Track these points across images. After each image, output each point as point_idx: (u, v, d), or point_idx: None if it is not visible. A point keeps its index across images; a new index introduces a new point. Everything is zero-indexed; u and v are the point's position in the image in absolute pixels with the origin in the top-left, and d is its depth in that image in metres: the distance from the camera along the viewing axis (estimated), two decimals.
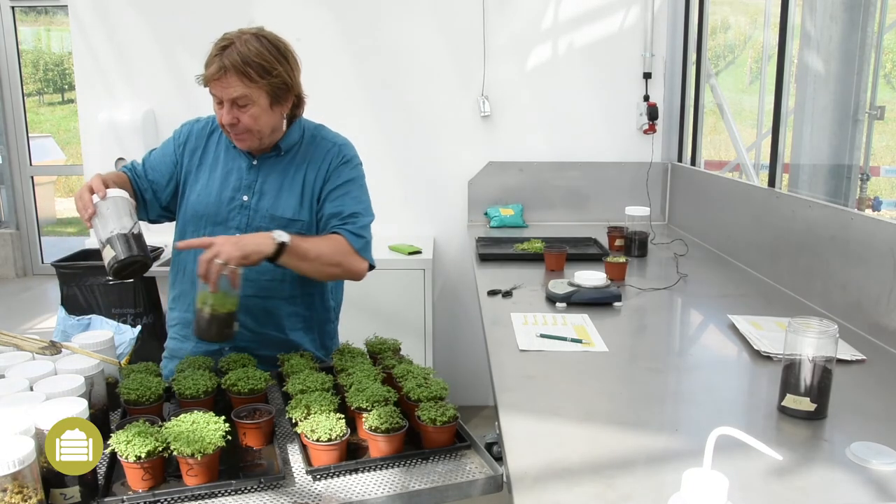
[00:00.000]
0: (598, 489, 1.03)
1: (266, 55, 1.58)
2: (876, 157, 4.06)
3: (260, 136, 1.65)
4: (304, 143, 1.76)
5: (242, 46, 1.56)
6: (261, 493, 1.15)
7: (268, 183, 1.72)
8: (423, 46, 3.33)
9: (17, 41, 5.11)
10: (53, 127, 8.72)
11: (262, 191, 1.71)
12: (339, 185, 1.74)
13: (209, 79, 1.58)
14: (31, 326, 4.28)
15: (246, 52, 1.56)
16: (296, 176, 1.73)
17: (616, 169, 3.40)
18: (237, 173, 1.73)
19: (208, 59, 1.59)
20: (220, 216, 1.71)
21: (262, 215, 1.70)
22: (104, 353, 1.44)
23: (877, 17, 2.77)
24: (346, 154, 1.79)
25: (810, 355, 1.21)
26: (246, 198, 1.71)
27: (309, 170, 1.74)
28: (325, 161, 1.75)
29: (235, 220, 1.71)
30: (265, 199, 1.71)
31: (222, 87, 1.57)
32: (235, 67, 1.55)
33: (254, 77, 1.56)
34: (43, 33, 8.47)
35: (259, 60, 1.56)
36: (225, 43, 1.58)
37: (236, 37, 1.59)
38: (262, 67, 1.57)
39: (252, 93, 1.57)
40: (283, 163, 1.74)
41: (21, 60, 5.19)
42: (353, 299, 3.16)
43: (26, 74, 5.95)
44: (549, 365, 1.54)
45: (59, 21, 7.70)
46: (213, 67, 1.57)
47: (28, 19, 7.53)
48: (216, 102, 1.62)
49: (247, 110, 1.59)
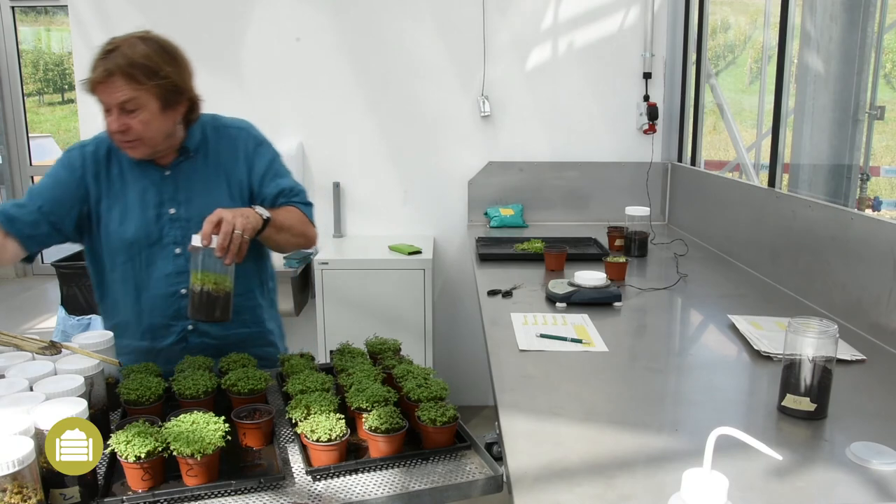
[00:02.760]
0: (598, 489, 1.03)
1: (153, 57, 1.54)
2: (876, 157, 4.06)
3: (152, 143, 1.59)
4: (210, 139, 1.73)
5: (128, 49, 1.52)
6: (261, 493, 1.15)
7: (190, 188, 1.68)
8: (423, 46, 3.33)
9: (17, 41, 5.11)
10: (53, 127, 8.71)
11: (187, 197, 1.67)
12: (268, 167, 1.75)
13: (94, 83, 1.51)
14: (31, 326, 4.28)
15: (131, 55, 1.51)
16: (216, 171, 1.71)
17: (616, 169, 3.40)
18: (153, 188, 1.66)
19: (93, 64, 1.53)
20: (153, 236, 1.66)
21: (197, 221, 1.63)
22: (104, 353, 1.44)
23: (877, 17, 2.77)
24: (256, 136, 1.79)
25: (810, 355, 1.21)
26: (173, 210, 1.66)
27: (227, 162, 1.72)
28: (240, 149, 1.74)
29: (170, 234, 1.66)
30: (194, 204, 1.67)
31: (109, 91, 1.51)
32: (121, 70, 1.50)
33: (140, 79, 1.51)
34: (43, 33, 8.46)
35: (145, 62, 1.52)
36: (110, 47, 1.52)
37: (122, 40, 1.54)
38: (148, 69, 1.52)
39: (140, 96, 1.52)
40: (198, 163, 1.70)
41: (21, 60, 5.19)
42: (353, 299, 3.18)
43: (26, 74, 5.95)
44: (549, 365, 1.54)
45: (59, 21, 7.70)
46: (97, 71, 1.51)
47: (28, 19, 7.53)
48: (104, 111, 1.56)
49: (136, 115, 1.54)
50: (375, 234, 3.49)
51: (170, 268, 1.67)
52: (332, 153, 3.42)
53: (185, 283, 1.65)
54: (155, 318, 1.69)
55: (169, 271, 1.67)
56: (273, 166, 1.77)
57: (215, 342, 1.73)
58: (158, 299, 1.68)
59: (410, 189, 3.47)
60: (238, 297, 1.66)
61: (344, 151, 3.41)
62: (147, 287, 1.68)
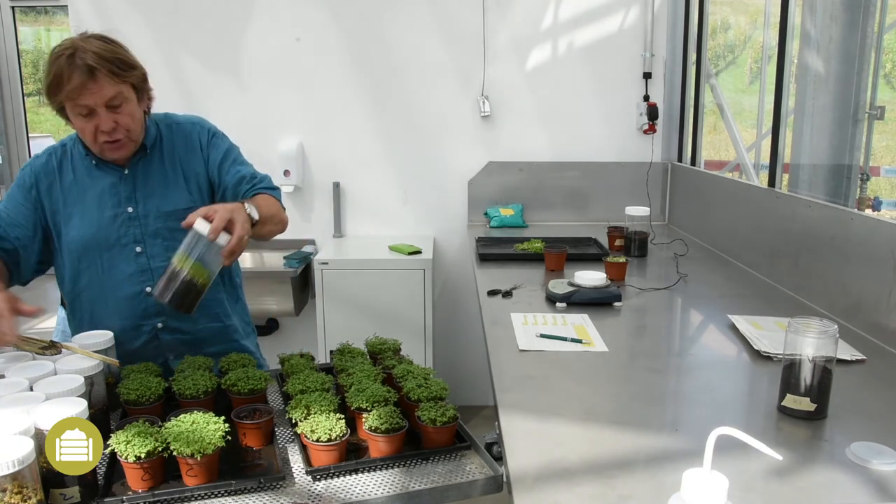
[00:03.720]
0: (598, 489, 1.03)
1: (119, 50, 1.53)
2: (876, 157, 4.06)
3: (137, 138, 1.60)
4: (164, 135, 1.71)
5: (91, 47, 1.49)
6: (261, 493, 1.15)
7: (148, 185, 1.66)
8: (423, 46, 3.33)
9: (17, 41, 5.11)
10: (53, 127, 8.70)
11: (144, 195, 1.66)
12: (224, 157, 1.72)
13: (75, 91, 1.46)
14: (31, 326, 4.27)
15: (100, 51, 1.49)
16: (173, 167, 1.69)
17: (616, 169, 3.40)
18: (111, 190, 1.64)
19: (54, 75, 1.47)
20: (111, 238, 1.64)
21: (155, 216, 1.65)
22: (104, 353, 1.44)
23: (877, 17, 2.77)
24: (209, 128, 1.77)
25: (810, 355, 1.21)
26: (130, 209, 1.64)
27: (183, 157, 1.70)
28: (194, 143, 1.72)
29: (128, 234, 1.64)
30: (152, 201, 1.65)
31: (95, 91, 1.48)
32: (101, 67, 1.48)
33: (121, 73, 1.51)
34: (43, 33, 8.46)
35: (118, 55, 1.51)
36: (68, 52, 1.47)
37: (73, 44, 1.49)
38: (123, 62, 1.52)
39: (123, 90, 1.52)
40: (154, 160, 1.68)
41: (21, 60, 5.19)
42: (353, 299, 3.18)
43: (26, 74, 5.95)
44: (549, 365, 1.54)
45: (59, 21, 7.70)
46: (75, 77, 1.46)
47: (28, 19, 7.52)
48: (81, 116, 1.52)
49: (122, 110, 1.53)
50: (375, 234, 3.49)
51: (132, 268, 1.65)
52: (332, 153, 3.42)
53: (149, 281, 1.64)
54: (124, 320, 1.66)
55: (132, 271, 1.65)
56: (230, 154, 1.74)
57: (187, 337, 1.71)
58: (125, 301, 1.66)
59: (410, 189, 3.47)
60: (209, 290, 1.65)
61: (344, 151, 3.41)
62: (113, 290, 1.65)
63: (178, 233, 1.51)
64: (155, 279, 1.59)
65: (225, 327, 1.78)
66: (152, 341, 1.70)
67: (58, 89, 1.49)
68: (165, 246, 1.65)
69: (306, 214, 3.48)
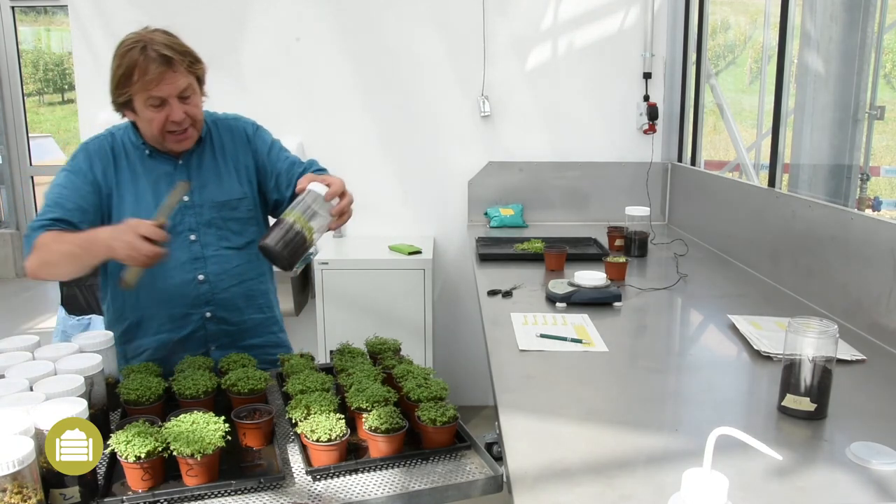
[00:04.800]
0: (598, 489, 1.03)
1: (185, 43, 1.57)
2: (876, 157, 4.06)
3: (200, 128, 1.65)
4: (211, 130, 1.75)
5: (161, 38, 1.53)
6: (261, 493, 1.15)
7: (202, 176, 1.70)
8: (423, 46, 3.33)
9: (17, 41, 5.11)
10: (53, 127, 8.71)
11: (199, 185, 1.69)
12: (271, 146, 1.79)
13: (153, 81, 1.50)
14: (31, 326, 4.28)
15: (171, 43, 1.53)
16: (224, 160, 1.73)
17: (616, 169, 3.40)
18: (166, 178, 1.67)
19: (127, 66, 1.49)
20: (177, 227, 1.65)
21: (210, 206, 1.69)
22: (104, 353, 1.44)
23: (877, 17, 2.77)
24: (252, 123, 1.83)
25: (810, 355, 1.21)
26: (186, 198, 1.67)
27: (231, 151, 1.75)
28: (240, 136, 1.77)
29: (184, 222, 1.67)
30: (207, 190, 1.70)
31: (171, 81, 1.52)
32: (176, 57, 1.51)
33: (190, 64, 1.55)
34: (43, 33, 8.47)
35: (187, 48, 1.56)
36: (139, 44, 1.50)
37: (142, 37, 1.53)
38: (191, 54, 1.56)
39: (193, 81, 1.57)
40: (206, 153, 1.72)
41: (21, 60, 5.20)
42: (353, 299, 3.18)
43: (26, 74, 5.95)
44: (549, 365, 1.54)
45: (59, 21, 7.70)
46: (151, 68, 1.49)
47: (28, 19, 7.53)
48: (153, 107, 1.54)
49: (191, 101, 1.58)
50: (375, 234, 3.48)
51: (186, 255, 1.67)
52: (332, 153, 3.40)
53: (201, 269, 1.68)
54: (175, 307, 1.68)
55: (185, 259, 1.66)
56: (276, 144, 1.81)
57: (233, 328, 1.74)
58: (176, 288, 1.68)
59: (410, 189, 3.47)
60: (252, 280, 1.71)
61: (344, 151, 3.41)
62: (164, 277, 1.66)
63: (231, 222, 1.71)
64: (208, 267, 1.67)
65: (267, 319, 1.82)
66: (199, 330, 1.71)
67: (128, 80, 1.51)
68: (218, 235, 1.70)
69: None
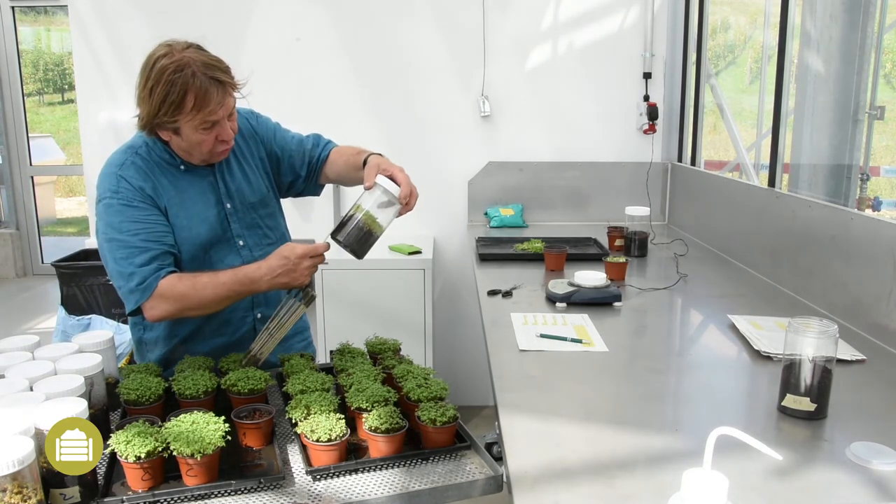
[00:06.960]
0: (598, 489, 1.03)
1: (218, 57, 1.56)
2: (876, 157, 4.06)
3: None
4: None
5: (199, 57, 1.49)
6: (261, 493, 1.15)
7: (234, 181, 1.71)
8: (423, 46, 3.33)
9: (17, 41, 5.11)
10: (53, 127, 8.71)
11: (236, 189, 1.70)
12: (275, 129, 1.83)
13: (214, 110, 1.49)
14: (31, 326, 4.28)
15: (213, 62, 1.51)
16: (245, 160, 1.75)
17: (616, 169, 3.40)
18: (210, 188, 1.67)
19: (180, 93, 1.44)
20: (218, 234, 1.66)
21: (247, 209, 1.72)
22: (104, 353, 1.44)
23: (877, 17, 2.77)
24: (250, 112, 1.84)
25: (810, 355, 1.21)
26: (228, 205, 1.69)
27: (246, 149, 1.76)
28: (247, 131, 1.79)
29: (231, 229, 1.69)
30: (240, 195, 1.71)
31: (224, 105, 1.52)
32: (227, 81, 1.52)
33: (234, 85, 1.55)
34: (43, 33, 8.46)
35: (224, 63, 1.55)
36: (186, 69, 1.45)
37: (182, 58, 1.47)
38: (229, 69, 1.56)
39: (232, 100, 1.57)
40: (230, 158, 1.72)
41: (21, 60, 5.19)
42: (353, 299, 3.18)
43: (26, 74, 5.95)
44: (549, 365, 1.54)
45: (59, 21, 7.70)
46: (211, 94, 1.47)
47: (28, 19, 7.53)
48: (204, 129, 1.52)
49: (232, 116, 1.58)
50: None
51: (238, 261, 1.68)
52: None
53: None
54: (232, 311, 1.69)
55: (238, 264, 1.65)
56: (277, 126, 1.85)
57: None
58: None
59: None
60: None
61: None
62: None
63: (267, 219, 1.76)
64: None
65: (303, 320, 1.87)
66: (249, 332, 1.74)
67: (181, 108, 1.46)
68: (261, 235, 1.74)
69: (306, 214, 3.48)
